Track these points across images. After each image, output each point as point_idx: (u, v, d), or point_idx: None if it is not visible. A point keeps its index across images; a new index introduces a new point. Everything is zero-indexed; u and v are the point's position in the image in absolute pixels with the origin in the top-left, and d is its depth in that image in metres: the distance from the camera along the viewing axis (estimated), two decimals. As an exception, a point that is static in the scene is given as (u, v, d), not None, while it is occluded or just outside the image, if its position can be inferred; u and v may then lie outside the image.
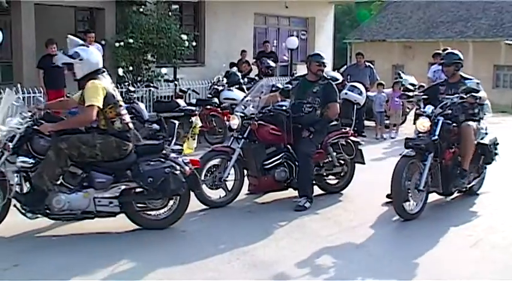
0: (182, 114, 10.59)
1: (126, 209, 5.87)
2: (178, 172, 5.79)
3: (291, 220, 6.50)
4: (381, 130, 13.20)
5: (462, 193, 7.54)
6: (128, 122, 5.94)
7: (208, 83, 13.76)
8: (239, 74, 13.75)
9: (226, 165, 6.97)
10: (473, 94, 6.73)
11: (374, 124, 13.52)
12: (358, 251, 5.61)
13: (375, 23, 33.08)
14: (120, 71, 12.13)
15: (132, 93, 10.91)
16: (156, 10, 13.41)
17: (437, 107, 6.73)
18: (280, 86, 11.41)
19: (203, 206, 6.83)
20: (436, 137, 6.55)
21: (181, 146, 6.30)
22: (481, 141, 7.23)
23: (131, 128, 5.97)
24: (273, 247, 5.63)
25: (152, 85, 12.36)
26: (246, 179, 7.24)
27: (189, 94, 12.98)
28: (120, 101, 5.92)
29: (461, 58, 7.25)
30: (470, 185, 7.38)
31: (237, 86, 12.85)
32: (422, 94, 7.31)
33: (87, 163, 5.66)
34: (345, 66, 16.42)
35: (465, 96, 6.75)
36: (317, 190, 7.58)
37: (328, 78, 7.70)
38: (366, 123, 13.22)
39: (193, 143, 6.26)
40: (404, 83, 13.00)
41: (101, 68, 5.90)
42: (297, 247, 5.63)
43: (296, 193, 7.31)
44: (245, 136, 7.06)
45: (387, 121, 13.42)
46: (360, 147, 7.82)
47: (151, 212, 6.05)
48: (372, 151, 10.20)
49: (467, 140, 6.91)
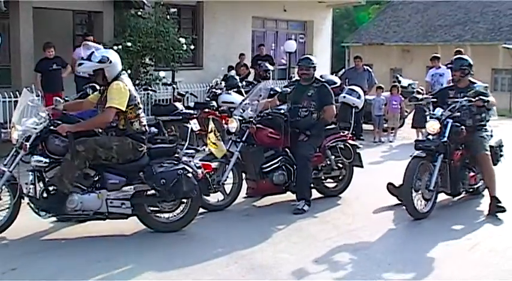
0: (180, 117, 10.59)
1: (137, 211, 5.89)
2: (190, 175, 5.82)
3: (289, 224, 6.50)
4: (379, 134, 13.20)
5: (468, 194, 7.67)
6: (145, 124, 6.00)
7: (206, 87, 13.77)
8: (237, 78, 13.74)
9: (224, 168, 6.97)
10: (481, 97, 6.83)
11: (372, 128, 13.52)
12: (356, 254, 5.60)
13: (373, 27, 33.13)
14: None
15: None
16: (154, 13, 13.41)
17: (446, 110, 6.86)
18: (278, 90, 11.42)
19: (201, 209, 6.81)
20: (446, 139, 6.69)
21: (194, 149, 6.30)
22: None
23: (147, 130, 6.03)
24: (271, 251, 5.62)
25: (150, 88, 12.37)
26: (245, 182, 7.24)
27: (187, 97, 12.98)
28: (139, 103, 5.99)
29: (470, 64, 7.29)
30: (477, 186, 7.55)
31: (235, 90, 12.83)
32: (431, 97, 7.41)
33: (100, 164, 5.69)
34: (343, 69, 16.42)
35: (473, 99, 6.84)
36: (315, 194, 7.58)
37: (322, 80, 7.68)
38: (364, 126, 13.22)
39: (222, 144, 6.30)
40: (414, 87, 12.91)
41: (122, 69, 5.98)
42: (295, 251, 5.63)
43: (294, 197, 7.32)
44: (243, 140, 7.07)
45: (385, 125, 13.42)
46: (358, 150, 7.82)
47: (162, 214, 6.07)
48: (370, 154, 10.21)
49: (487, 169, 7.08)
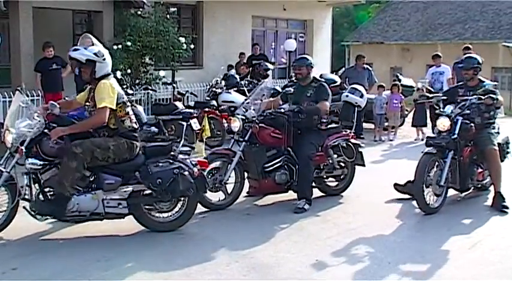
0: (180, 117, 10.59)
1: (134, 211, 5.88)
2: (186, 173, 5.81)
3: (291, 223, 6.49)
4: (380, 132, 13.20)
5: (476, 189, 7.78)
6: (135, 121, 5.97)
7: (206, 86, 13.76)
8: (237, 77, 13.74)
9: (227, 168, 6.97)
10: (491, 96, 6.94)
11: (372, 126, 13.52)
12: (357, 253, 5.59)
13: (373, 26, 33.12)
14: (118, 74, 12.08)
15: (131, 96, 10.89)
16: (154, 13, 13.41)
17: (456, 108, 7.01)
18: (278, 89, 11.42)
19: (202, 208, 6.81)
20: (456, 136, 6.85)
21: (190, 147, 6.30)
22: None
23: (138, 128, 6.00)
24: (272, 250, 5.61)
25: (150, 88, 12.37)
26: (247, 181, 7.23)
27: (188, 97, 12.97)
28: (127, 101, 5.96)
29: (480, 62, 7.42)
30: (484, 181, 7.65)
31: (236, 89, 12.83)
32: (441, 95, 7.61)
33: (96, 165, 5.65)
34: (343, 68, 16.40)
35: (483, 97, 6.95)
36: (317, 192, 7.58)
37: (320, 80, 7.68)
38: (364, 125, 13.21)
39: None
40: (424, 85, 12.79)
41: (110, 73, 5.91)
42: (296, 250, 5.62)
43: (296, 196, 7.32)
44: (246, 139, 7.06)
45: (386, 124, 13.41)
46: (360, 149, 7.82)
47: (159, 214, 6.05)
48: (371, 153, 10.20)
49: (494, 164, 7.21)
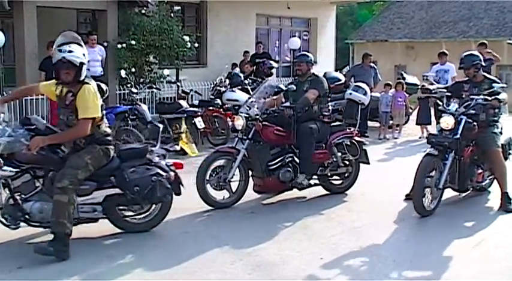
0: (185, 115, 10.61)
1: (109, 214, 5.72)
2: (164, 179, 5.65)
3: (295, 221, 6.49)
4: (385, 130, 13.19)
5: (475, 190, 7.65)
6: (108, 125, 5.69)
7: (210, 84, 13.78)
8: (241, 75, 13.75)
9: (231, 166, 6.98)
10: (498, 97, 6.84)
11: (376, 124, 13.52)
12: (361, 252, 5.59)
13: (377, 23, 33.04)
14: (122, 73, 12.15)
15: (135, 94, 10.94)
16: (158, 12, 13.42)
17: (461, 106, 6.86)
18: (282, 87, 11.41)
19: (206, 207, 6.83)
20: (459, 136, 6.67)
21: (166, 150, 6.11)
22: None
23: (111, 133, 5.70)
24: (276, 248, 5.62)
25: (155, 87, 12.39)
26: (251, 179, 7.24)
27: (192, 95, 13.00)
28: (103, 104, 5.63)
29: (480, 59, 7.29)
30: (484, 183, 7.52)
31: (240, 87, 12.84)
32: (445, 91, 7.40)
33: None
34: (348, 66, 16.39)
35: (490, 98, 6.84)
36: (321, 191, 7.60)
37: (316, 74, 7.71)
38: (369, 123, 13.20)
39: (193, 146, 6.11)
40: (429, 79, 12.74)
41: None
42: (301, 248, 5.62)
43: (301, 194, 7.33)
44: (250, 137, 7.07)
45: (391, 121, 13.40)
46: (364, 147, 7.82)
47: (134, 216, 5.91)
48: (375, 151, 10.19)
49: (499, 165, 7.10)
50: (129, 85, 12.27)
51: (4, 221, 5.37)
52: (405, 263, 5.29)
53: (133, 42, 12.47)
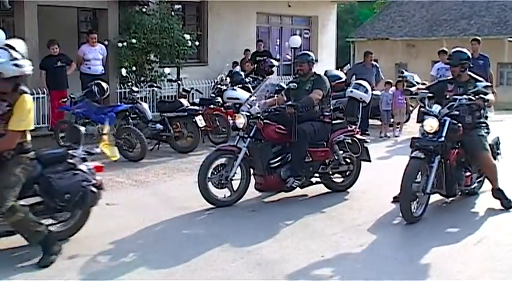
0: (186, 114, 10.61)
1: None
2: (92, 184, 5.38)
3: (296, 219, 6.49)
4: (386, 128, 13.19)
5: (464, 194, 7.39)
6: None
7: (211, 83, 13.78)
8: (242, 74, 13.74)
9: (232, 164, 6.97)
10: (482, 96, 6.55)
11: (377, 122, 13.51)
12: (362, 250, 5.59)
13: (378, 22, 33.05)
14: (123, 72, 12.15)
15: (136, 93, 10.95)
16: (159, 10, 13.41)
17: (444, 107, 6.57)
18: (283, 85, 11.40)
19: (207, 205, 6.83)
20: (443, 139, 6.40)
21: (88, 153, 5.70)
22: None
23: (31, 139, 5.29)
24: (278, 246, 5.62)
25: (155, 85, 12.40)
26: (252, 178, 7.24)
27: (193, 94, 13.00)
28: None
29: (469, 57, 7.01)
30: (473, 186, 7.21)
31: (241, 86, 12.84)
32: (427, 91, 7.02)
33: None
34: (348, 65, 16.38)
35: (474, 98, 6.55)
36: (323, 189, 7.60)
37: (318, 74, 7.69)
38: (370, 121, 13.20)
39: (115, 149, 5.79)
40: (409, 79, 12.87)
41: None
42: (301, 246, 5.62)
43: (302, 192, 7.33)
44: (251, 135, 7.07)
45: (392, 120, 13.41)
46: (366, 145, 7.82)
47: (55, 224, 5.52)
48: (377, 149, 10.19)
49: (490, 168, 6.92)
50: (130, 84, 12.30)
51: None
52: (406, 261, 5.28)
53: (134, 40, 12.46)
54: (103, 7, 12.81)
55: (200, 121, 10.60)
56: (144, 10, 13.20)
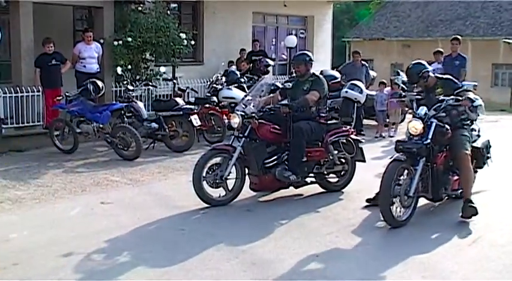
0: (181, 113, 10.60)
1: None
2: None
3: (291, 219, 6.49)
4: (381, 129, 13.21)
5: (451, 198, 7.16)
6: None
7: (207, 82, 13.77)
8: (238, 73, 13.74)
9: (227, 163, 6.96)
10: (469, 97, 6.41)
11: (372, 122, 13.53)
12: (357, 250, 5.60)
13: (374, 22, 33.11)
14: (118, 70, 12.13)
15: (131, 92, 10.94)
16: (155, 9, 13.39)
17: (430, 109, 6.39)
18: (279, 85, 11.42)
19: (202, 204, 6.82)
20: (429, 141, 6.21)
21: None
22: (473, 144, 6.86)
23: None
24: (272, 246, 5.62)
25: (151, 84, 12.39)
26: (247, 177, 7.23)
27: (188, 93, 12.98)
28: None
29: (426, 66, 6.76)
30: (460, 191, 6.89)
31: (236, 85, 12.83)
32: (415, 94, 6.92)
33: None
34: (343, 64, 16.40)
35: (461, 98, 6.41)
36: (317, 189, 7.60)
37: (316, 74, 7.68)
38: (365, 121, 13.22)
39: None
40: (397, 82, 13.02)
41: None
42: (296, 246, 5.62)
43: (297, 192, 7.33)
44: (246, 135, 7.06)
45: (387, 120, 13.43)
46: (361, 145, 7.82)
47: None
48: (372, 149, 10.19)
49: (465, 169, 6.55)
50: (125, 82, 12.29)
51: None
52: (400, 261, 5.28)
53: (129, 39, 12.44)
54: (98, 5, 12.79)
55: (195, 120, 10.59)
56: (140, 9, 13.18)
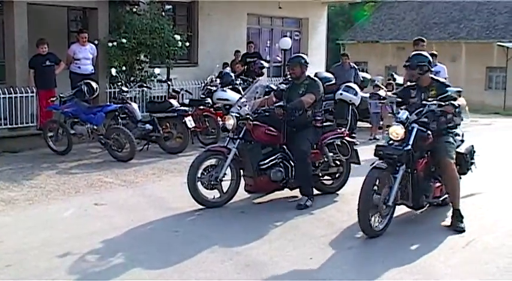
0: (175, 114, 10.59)
1: None
2: None
3: (285, 221, 6.49)
4: (375, 131, 13.23)
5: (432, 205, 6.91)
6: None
7: (201, 84, 13.75)
8: (232, 75, 13.73)
9: (222, 165, 6.95)
10: (452, 102, 6.11)
11: (366, 125, 13.54)
12: (351, 252, 5.61)
13: (369, 24, 33.18)
14: (113, 71, 12.11)
15: (125, 93, 10.91)
16: (149, 10, 13.39)
17: (412, 114, 6.13)
18: (273, 87, 11.41)
19: (197, 206, 6.81)
20: (410, 147, 5.94)
21: None
22: (457, 150, 6.61)
23: None
24: (267, 248, 5.61)
25: (145, 85, 12.37)
26: (242, 179, 7.23)
27: (182, 94, 12.97)
28: None
29: (429, 61, 6.48)
30: (443, 198, 6.74)
31: (231, 87, 12.83)
32: (395, 97, 6.70)
33: None
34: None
35: (443, 103, 6.11)
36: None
37: (312, 77, 7.67)
38: (359, 124, 13.22)
39: None
40: (377, 83, 13.03)
41: None
42: (291, 248, 5.62)
43: (291, 193, 7.34)
44: (241, 136, 7.05)
45: (381, 122, 13.44)
46: (355, 147, 7.83)
47: None
48: (366, 152, 10.16)
49: (451, 178, 6.31)
50: (120, 84, 12.26)
51: None
52: (394, 263, 5.28)
53: (124, 40, 12.42)
54: (93, 6, 12.77)
55: (190, 122, 10.59)
56: (135, 10, 13.17)
